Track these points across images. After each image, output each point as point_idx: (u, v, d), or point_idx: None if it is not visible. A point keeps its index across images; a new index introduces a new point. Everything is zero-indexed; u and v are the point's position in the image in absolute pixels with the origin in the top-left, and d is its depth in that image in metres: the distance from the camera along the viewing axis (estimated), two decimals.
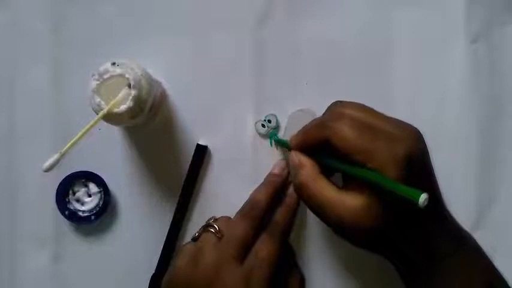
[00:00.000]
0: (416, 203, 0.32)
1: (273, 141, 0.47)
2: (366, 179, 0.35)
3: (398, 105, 0.47)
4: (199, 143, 0.47)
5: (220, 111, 0.48)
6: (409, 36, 0.48)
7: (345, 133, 0.35)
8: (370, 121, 0.36)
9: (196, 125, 0.48)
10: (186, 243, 0.43)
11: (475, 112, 0.47)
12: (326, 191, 0.37)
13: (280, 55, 0.48)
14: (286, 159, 0.47)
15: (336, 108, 0.38)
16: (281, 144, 0.46)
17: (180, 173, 0.47)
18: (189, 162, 0.47)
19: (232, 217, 0.44)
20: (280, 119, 0.47)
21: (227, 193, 0.47)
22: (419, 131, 0.37)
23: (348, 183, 0.37)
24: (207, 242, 0.42)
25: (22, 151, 0.48)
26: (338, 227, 0.36)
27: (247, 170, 0.47)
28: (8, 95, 0.48)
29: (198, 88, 0.48)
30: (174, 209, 0.48)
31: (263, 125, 0.47)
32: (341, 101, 0.38)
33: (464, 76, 0.47)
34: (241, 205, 0.44)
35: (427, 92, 0.48)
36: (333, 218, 0.36)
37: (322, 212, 0.37)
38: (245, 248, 0.42)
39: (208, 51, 0.48)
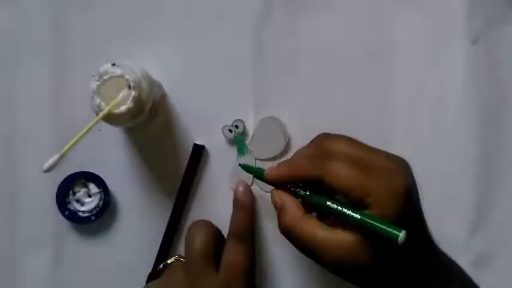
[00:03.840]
0: (396, 241, 0.32)
1: (240, 166, 0.44)
2: (346, 218, 0.34)
3: (398, 105, 0.47)
4: (197, 142, 0.47)
5: (220, 112, 0.48)
6: (409, 36, 0.47)
7: (341, 172, 0.35)
8: (363, 156, 0.35)
9: (196, 126, 0.48)
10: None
11: (475, 112, 0.47)
12: (317, 232, 0.35)
13: (280, 55, 0.48)
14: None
15: (325, 144, 0.37)
16: (251, 171, 0.43)
17: (179, 174, 0.47)
18: None
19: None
20: (280, 121, 0.47)
21: (225, 193, 0.47)
22: (408, 163, 0.37)
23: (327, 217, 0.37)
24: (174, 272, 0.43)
25: (22, 151, 0.48)
26: (335, 267, 0.35)
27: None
28: (8, 95, 0.48)
29: (197, 88, 0.48)
30: None
31: (230, 130, 0.47)
32: (327, 135, 0.38)
33: (464, 76, 0.47)
34: None
35: (427, 93, 0.47)
36: (330, 259, 0.35)
37: (315, 254, 0.35)
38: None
39: (207, 51, 0.48)
